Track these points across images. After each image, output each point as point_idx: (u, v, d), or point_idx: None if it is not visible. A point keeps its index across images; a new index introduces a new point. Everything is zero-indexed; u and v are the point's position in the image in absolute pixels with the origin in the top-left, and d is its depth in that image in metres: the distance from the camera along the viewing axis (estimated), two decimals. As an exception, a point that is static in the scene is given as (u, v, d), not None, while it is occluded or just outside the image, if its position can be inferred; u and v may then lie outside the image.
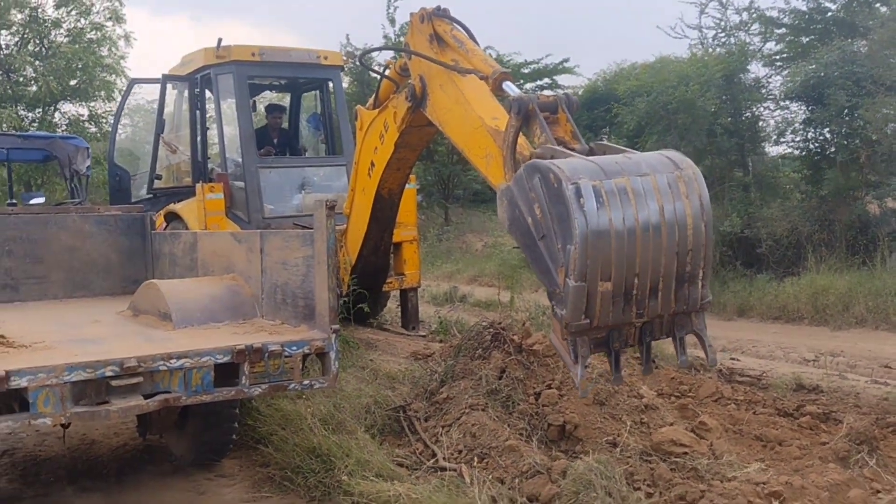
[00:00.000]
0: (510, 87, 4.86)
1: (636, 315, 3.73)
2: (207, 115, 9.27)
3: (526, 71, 22.50)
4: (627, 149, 3.98)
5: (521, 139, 4.42)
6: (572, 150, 4.03)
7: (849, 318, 10.02)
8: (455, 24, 5.62)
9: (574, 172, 3.53)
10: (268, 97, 11.52)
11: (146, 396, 3.81)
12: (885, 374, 7.31)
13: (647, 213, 3.59)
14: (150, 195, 9.49)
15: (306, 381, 4.22)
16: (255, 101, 9.65)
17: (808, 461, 4.83)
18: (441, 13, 5.66)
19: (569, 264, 3.54)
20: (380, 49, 6.37)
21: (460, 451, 4.64)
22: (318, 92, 10.03)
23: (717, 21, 15.50)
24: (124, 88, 19.19)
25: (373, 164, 7.03)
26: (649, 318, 3.79)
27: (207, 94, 9.21)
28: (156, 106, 9.89)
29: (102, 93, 19.35)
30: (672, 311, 3.83)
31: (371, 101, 7.24)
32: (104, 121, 19.61)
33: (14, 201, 9.81)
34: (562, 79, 23.09)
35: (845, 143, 11.99)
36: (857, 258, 11.39)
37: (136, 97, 17.48)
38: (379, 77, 7.03)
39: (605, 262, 3.54)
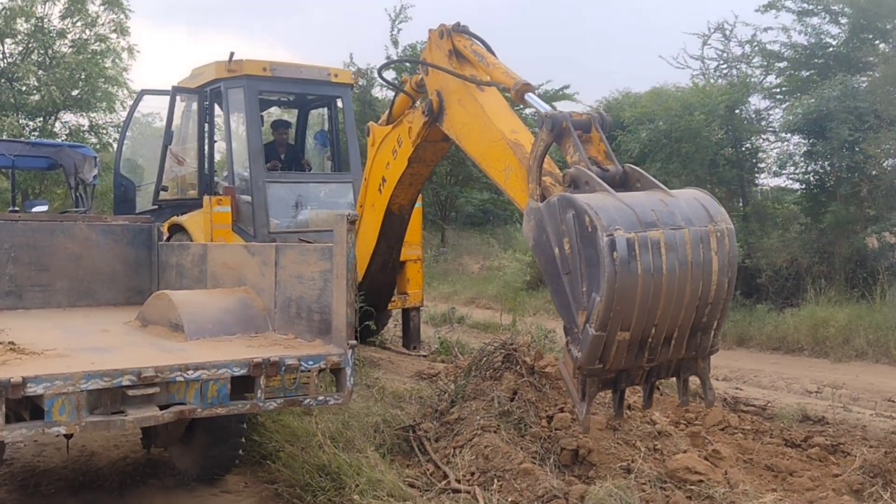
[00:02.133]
0: (533, 99, 4.86)
1: (647, 360, 3.79)
2: (216, 129, 9.24)
3: (526, 96, 22.62)
4: (660, 184, 3.96)
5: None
6: (605, 171, 4.02)
7: (849, 350, 10.03)
8: (475, 40, 5.63)
9: (611, 222, 3.53)
10: (273, 113, 11.52)
11: (161, 407, 3.75)
12: (889, 408, 7.30)
13: (675, 268, 3.62)
14: (155, 206, 9.44)
15: (321, 397, 4.17)
16: (262, 117, 9.65)
17: (821, 493, 4.80)
18: (461, 29, 5.68)
19: (591, 312, 3.59)
20: (399, 62, 6.27)
21: (472, 473, 4.57)
22: (326, 109, 10.04)
23: (720, 52, 15.66)
24: (126, 100, 19.26)
25: (384, 180, 7.01)
26: (658, 363, 3.85)
27: (216, 107, 9.19)
28: (150, 118, 9.89)
29: (104, 104, 19.31)
30: (681, 357, 3.90)
31: (384, 117, 7.24)
32: (104, 131, 19.57)
33: (17, 208, 9.75)
34: (561, 105, 23.23)
35: (846, 176, 12.07)
36: (856, 291, 11.43)
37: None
38: (395, 92, 7.03)
39: (628, 313, 3.59)
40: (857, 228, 12.10)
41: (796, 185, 14.04)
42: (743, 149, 13.80)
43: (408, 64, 14.65)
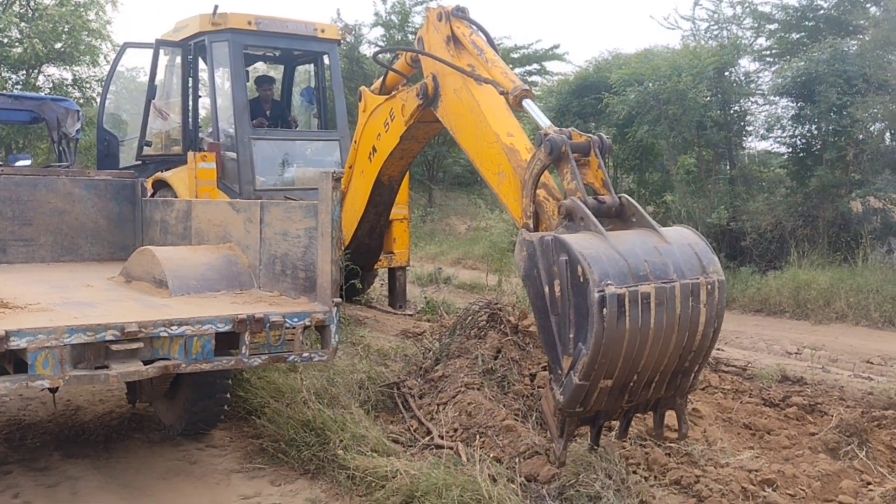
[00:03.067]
0: (532, 107, 4.78)
1: (627, 402, 3.86)
2: (200, 84, 9.12)
3: (515, 56, 22.44)
4: (653, 221, 3.93)
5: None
6: (602, 203, 4.01)
7: (830, 313, 10.15)
8: (474, 28, 5.48)
9: (603, 275, 3.51)
10: (259, 69, 11.35)
11: (145, 363, 3.77)
12: (867, 369, 7.41)
13: (662, 322, 3.64)
14: (139, 161, 9.34)
15: (306, 354, 4.20)
16: (247, 72, 9.52)
17: (797, 451, 4.90)
18: (460, 14, 5.52)
19: (577, 361, 3.62)
20: (397, 49, 6.14)
21: (456, 430, 4.63)
22: (312, 65, 9.91)
23: (711, 13, 15.53)
24: (110, 53, 18.93)
25: (374, 150, 6.92)
26: (637, 402, 3.93)
27: (200, 61, 9.06)
28: (135, 73, 9.73)
29: (87, 57, 18.97)
30: (660, 396, 3.98)
31: (377, 84, 7.12)
32: (88, 86, 19.26)
33: (0, 162, 9.64)
34: (551, 65, 23.10)
35: (832, 140, 12.09)
36: (838, 255, 11.52)
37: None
38: (386, 69, 6.90)
39: (613, 364, 3.62)
40: (841, 192, 12.15)
41: (783, 149, 14.05)
42: (731, 111, 13.76)
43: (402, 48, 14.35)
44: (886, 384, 6.21)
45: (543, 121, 4.61)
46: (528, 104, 4.84)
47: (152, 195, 8.26)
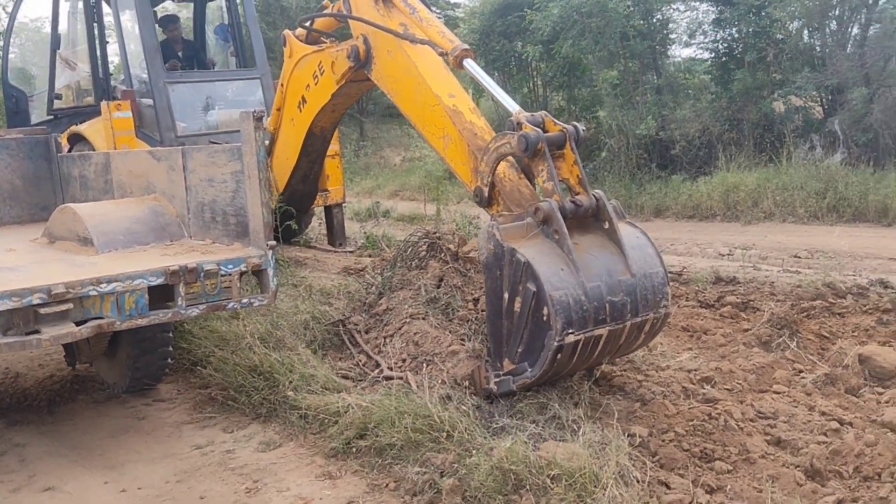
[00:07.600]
0: (474, 67, 4.62)
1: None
2: (106, 28, 8.65)
3: (435, -23, 21.94)
4: (621, 233, 3.94)
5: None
6: (579, 206, 3.96)
7: (758, 212, 10.49)
8: None
9: (566, 323, 3.62)
10: (167, 8, 10.80)
11: (78, 323, 3.67)
12: (795, 264, 7.70)
13: (605, 351, 3.88)
14: (51, 116, 8.90)
15: (245, 300, 4.15)
16: (155, 13, 9.06)
17: (732, 347, 5.10)
18: None
19: (519, 375, 3.83)
20: (324, 15, 5.81)
21: (404, 360, 4.67)
22: (224, 1, 9.48)
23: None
24: (7, 4, 17.81)
25: (304, 100, 6.67)
26: None
27: (104, 4, 8.57)
28: (39, 24, 9.18)
29: (-18, 9, 17.87)
30: None
31: (301, 31, 6.82)
32: (-14, 40, 18.15)
33: None
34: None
35: (753, 42, 12.24)
36: (764, 156, 11.83)
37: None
38: (308, 30, 6.61)
39: (550, 379, 3.90)
40: (764, 94, 12.39)
41: (706, 55, 14.19)
42: (653, 20, 13.77)
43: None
44: (813, 276, 6.47)
45: (510, 104, 4.44)
46: (469, 64, 4.67)
47: (68, 151, 7.91)
